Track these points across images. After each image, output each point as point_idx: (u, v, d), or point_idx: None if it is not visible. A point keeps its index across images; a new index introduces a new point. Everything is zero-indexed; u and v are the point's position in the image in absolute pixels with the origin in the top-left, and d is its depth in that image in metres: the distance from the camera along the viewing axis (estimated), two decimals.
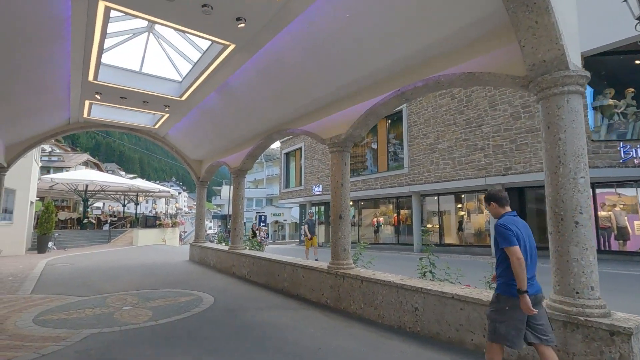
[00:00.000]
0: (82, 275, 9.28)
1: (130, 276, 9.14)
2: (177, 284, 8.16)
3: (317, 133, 6.83)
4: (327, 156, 20.18)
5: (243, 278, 8.82)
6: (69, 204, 25.92)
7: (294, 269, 6.94)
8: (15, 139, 9.48)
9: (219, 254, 10.52)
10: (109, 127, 11.03)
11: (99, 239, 20.14)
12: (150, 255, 14.39)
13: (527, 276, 2.49)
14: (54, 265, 11.23)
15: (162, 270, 10.31)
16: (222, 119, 9.04)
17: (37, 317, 5.36)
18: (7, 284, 7.94)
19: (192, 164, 12.81)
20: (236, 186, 10.07)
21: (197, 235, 12.69)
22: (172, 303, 6.29)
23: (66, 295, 6.88)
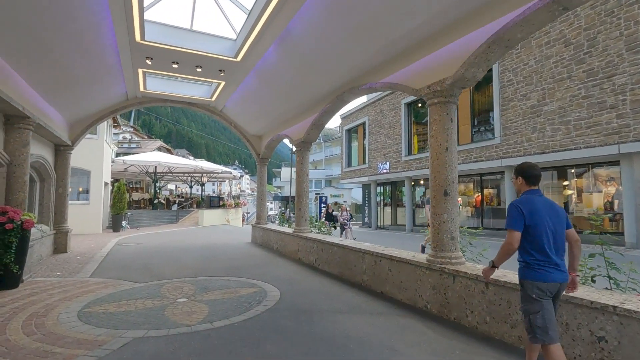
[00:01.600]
0: (145, 256, 8.88)
1: (191, 259, 8.49)
2: (238, 270, 7.23)
3: (406, 83, 5.14)
4: (395, 130, 18.15)
5: (310, 266, 7.63)
6: (142, 186, 27.46)
7: (376, 259, 5.49)
8: (77, 116, 9.21)
9: (282, 236, 9.48)
10: (166, 102, 10.43)
11: (168, 219, 20.75)
12: (213, 236, 14.06)
13: (552, 262, 2.43)
14: (123, 244, 11.20)
15: (223, 253, 9.59)
16: (282, 81, 7.73)
17: (83, 308, 4.64)
18: (72, 264, 7.69)
19: (252, 140, 11.88)
20: (299, 161, 8.82)
21: (259, 216, 11.86)
22: (232, 297, 5.26)
23: (123, 280, 6.27)
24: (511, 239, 2.43)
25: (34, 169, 8.16)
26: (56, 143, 9.00)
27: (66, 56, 6.17)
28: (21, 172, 6.07)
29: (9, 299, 4.98)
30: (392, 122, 18.29)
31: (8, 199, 5.94)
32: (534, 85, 11.55)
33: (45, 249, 8.29)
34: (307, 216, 8.79)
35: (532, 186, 2.61)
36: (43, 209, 8.58)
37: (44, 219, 8.59)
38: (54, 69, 6.33)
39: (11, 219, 5.42)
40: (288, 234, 9.03)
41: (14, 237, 5.40)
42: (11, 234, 5.39)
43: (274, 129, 10.55)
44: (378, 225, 20.86)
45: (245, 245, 11.39)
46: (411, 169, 16.82)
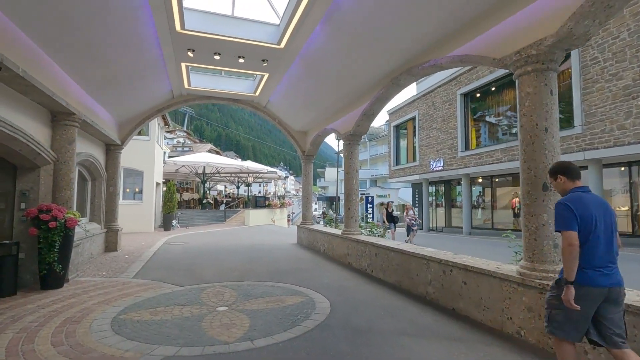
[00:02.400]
0: (190, 256, 8.65)
1: (235, 260, 8.09)
2: (283, 274, 6.64)
3: (484, 53, 4.17)
4: (450, 123, 16.69)
5: (362, 272, 6.83)
6: (192, 186, 28.40)
7: (445, 268, 4.56)
8: (125, 115, 9.26)
9: (329, 238, 8.78)
10: (211, 99, 10.23)
11: (216, 219, 21.04)
12: (258, 237, 13.77)
13: (603, 263, 2.28)
14: (171, 243, 11.21)
15: (268, 254, 9.11)
16: (329, 67, 7.02)
17: (119, 314, 4.27)
18: (119, 263, 7.61)
19: (296, 136, 11.34)
20: (348, 156, 8.05)
21: (305, 216, 11.28)
22: (276, 307, 4.63)
23: (164, 282, 5.94)
24: (569, 239, 2.24)
25: (85, 168, 8.26)
26: (107, 142, 9.11)
27: (108, 50, 5.98)
28: (67, 169, 5.98)
29: (49, 300, 4.78)
30: (446, 115, 16.84)
31: (55, 196, 5.86)
32: (627, 62, 9.66)
33: (97, 247, 8.36)
34: (357, 216, 8.00)
35: (577, 182, 2.46)
36: (94, 207, 8.68)
37: (95, 218, 8.69)
38: (97, 64, 6.18)
39: (55, 217, 5.27)
40: (336, 235, 8.30)
41: (57, 236, 5.25)
42: (54, 232, 5.24)
43: (320, 123, 9.89)
44: (430, 227, 19.43)
45: (291, 246, 10.86)
46: (469, 165, 15.30)
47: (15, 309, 4.37)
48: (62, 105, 5.57)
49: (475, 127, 15.73)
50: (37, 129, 5.48)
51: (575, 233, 2.24)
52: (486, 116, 15.22)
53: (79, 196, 8.38)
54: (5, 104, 4.55)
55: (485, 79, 14.41)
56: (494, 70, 14.09)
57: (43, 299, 4.83)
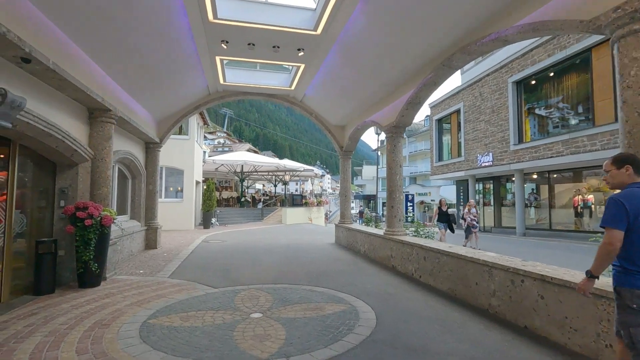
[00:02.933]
0: (226, 255, 8.46)
1: (272, 261, 7.76)
2: (321, 277, 6.17)
3: (567, 15, 3.40)
4: (500, 114, 15.34)
5: (408, 277, 6.18)
6: (231, 185, 28.91)
7: (514, 278, 3.83)
8: (163, 113, 9.27)
9: (371, 239, 8.18)
10: (246, 95, 10.00)
11: (254, 217, 21.12)
12: (295, 235, 13.45)
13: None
14: (208, 242, 11.18)
15: (306, 254, 8.70)
16: (369, 52, 6.44)
17: (149, 318, 4.01)
18: (157, 261, 7.56)
19: (334, 131, 10.83)
20: (391, 149, 7.41)
21: (343, 215, 10.75)
22: (315, 315, 4.16)
23: (198, 284, 5.69)
24: (611, 238, 2.08)
25: (125, 166, 8.32)
26: (146, 141, 9.17)
27: (142, 44, 5.83)
28: (104, 166, 5.93)
29: (84, 300, 4.67)
30: (496, 105, 15.48)
31: (93, 194, 5.83)
32: None
33: (136, 245, 8.41)
34: (401, 215, 7.34)
35: (638, 178, 2.23)
36: (135, 205, 8.76)
37: (135, 215, 8.77)
38: (131, 58, 6.07)
39: (90, 214, 5.18)
40: (378, 236, 7.70)
41: (92, 234, 5.15)
42: (90, 230, 5.15)
43: (359, 115, 9.30)
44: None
45: (329, 246, 10.39)
46: (522, 160, 13.92)
47: (50, 309, 4.27)
48: (97, 101, 5.49)
49: (530, 117, 14.28)
50: (74, 125, 5.43)
51: (621, 233, 2.09)
52: (543, 105, 13.75)
53: (120, 194, 8.47)
54: (40, 99, 4.47)
55: (542, 64, 12.99)
56: (552, 52, 12.66)
57: (78, 299, 4.72)
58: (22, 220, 5.05)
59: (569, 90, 12.67)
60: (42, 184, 5.48)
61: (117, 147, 7.18)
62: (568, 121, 12.83)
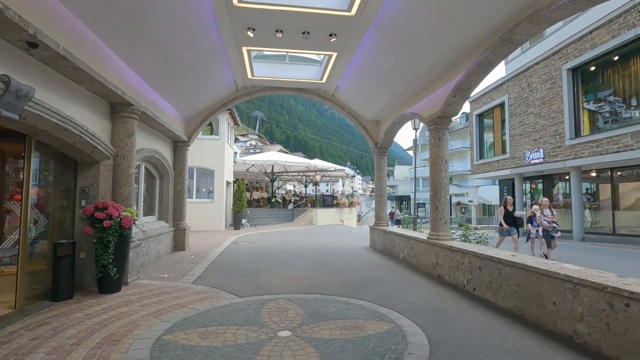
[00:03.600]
0: (255, 258, 7.98)
1: (302, 266, 7.18)
2: (358, 287, 5.49)
3: None
4: (552, 106, 13.85)
5: (459, 289, 5.35)
6: (262, 185, 28.85)
7: (617, 301, 2.96)
8: (191, 110, 8.99)
9: (411, 244, 7.37)
10: (275, 90, 9.51)
11: (284, 218, 20.75)
12: (327, 238, 12.82)
13: None
14: (238, 243, 10.82)
15: (339, 259, 8.04)
16: (411, 33, 5.68)
17: (164, 334, 3.53)
18: (183, 264, 7.20)
19: (368, 127, 10.10)
20: (435, 143, 6.58)
21: (378, 217, 9.98)
22: (353, 337, 3.49)
23: (223, 291, 5.21)
24: None
25: (152, 165, 8.08)
26: (174, 139, 8.92)
27: (162, 32, 5.44)
28: (126, 164, 5.60)
29: (100, 308, 4.29)
30: (547, 96, 13.98)
31: (114, 193, 5.52)
32: None
33: (164, 246, 8.14)
34: (448, 217, 6.49)
35: None
36: (162, 205, 8.51)
37: (163, 216, 8.52)
38: (153, 49, 5.70)
39: (109, 215, 4.83)
40: (421, 240, 6.88)
41: (111, 236, 4.80)
42: (109, 232, 4.79)
43: (397, 108, 8.52)
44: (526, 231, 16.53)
45: (363, 250, 9.66)
46: (581, 155, 12.40)
47: (63, 318, 3.91)
48: (118, 94, 5.16)
49: (590, 107, 12.72)
50: (94, 120, 5.13)
51: None
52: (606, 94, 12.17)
53: (148, 194, 8.25)
54: (53, 90, 4.15)
55: (604, 47, 11.46)
56: (617, 33, 11.15)
57: (95, 306, 4.36)
58: (42, 221, 4.80)
59: (638, 76, 11.08)
60: (64, 183, 5.23)
61: (143, 144, 6.91)
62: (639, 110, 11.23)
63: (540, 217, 8.57)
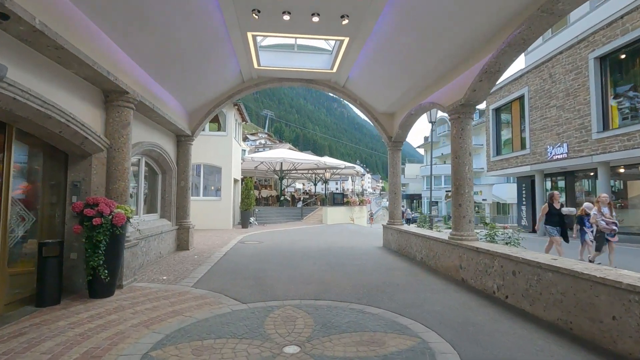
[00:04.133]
0: (262, 259, 7.50)
1: (312, 267, 6.67)
2: (374, 292, 4.95)
3: None
4: (577, 98, 13.02)
5: (488, 295, 4.77)
6: (270, 183, 28.45)
7: None
8: (195, 103, 8.55)
9: (430, 244, 6.79)
10: (282, 81, 9.01)
11: (293, 216, 20.29)
12: (337, 237, 12.29)
13: None
14: (245, 242, 10.37)
15: (351, 260, 7.51)
16: (433, 10, 5.09)
17: (152, 349, 3.06)
18: (185, 265, 6.77)
19: (381, 120, 9.52)
20: (457, 134, 5.99)
21: (392, 215, 9.40)
22: (372, 355, 2.96)
23: (225, 296, 4.74)
24: None
25: (153, 160, 7.66)
26: (177, 133, 8.49)
27: (159, 11, 4.98)
28: (121, 157, 5.17)
29: (87, 316, 3.85)
30: (572, 88, 13.16)
31: (108, 188, 5.10)
32: None
33: (166, 245, 7.72)
34: (472, 215, 5.89)
35: None
36: (165, 203, 8.10)
37: (165, 214, 8.11)
38: (149, 31, 5.24)
39: (100, 212, 4.40)
40: (441, 241, 6.30)
41: (102, 235, 4.36)
42: (99, 231, 4.36)
43: (413, 97, 7.93)
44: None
45: (376, 250, 9.10)
46: (610, 150, 11.58)
47: (43, 327, 3.48)
48: (110, 81, 4.71)
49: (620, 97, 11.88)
50: (85, 109, 4.70)
51: None
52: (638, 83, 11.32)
53: (149, 190, 7.85)
54: (33, 72, 3.71)
55: (637, 32, 10.64)
56: None
57: (82, 313, 3.92)
58: (30, 219, 4.39)
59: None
60: (54, 177, 4.82)
61: (141, 137, 6.48)
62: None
63: (596, 216, 7.23)
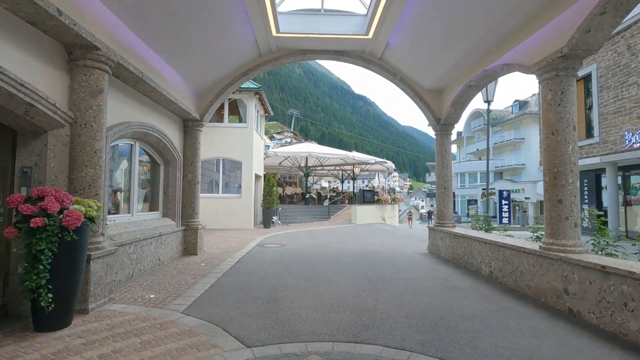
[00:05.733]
0: (281, 270, 6.02)
1: (345, 282, 5.11)
2: (441, 330, 3.31)
3: None
4: None
5: (631, 343, 3.00)
6: (295, 180, 27.13)
7: None
8: (204, 81, 7.21)
9: (507, 254, 5.02)
10: (308, 54, 7.50)
11: (319, 215, 18.79)
12: (371, 240, 10.64)
13: None
14: (264, 245, 8.96)
15: (395, 273, 5.87)
16: None
17: None
18: (186, 275, 5.40)
19: (427, 98, 7.78)
20: (554, 100, 4.21)
21: (442, 215, 7.64)
22: None
23: (223, 331, 3.28)
24: None
25: (151, 146, 6.36)
26: (183, 117, 7.19)
27: None
28: (89, 135, 3.84)
29: None
30: None
31: (71, 177, 3.77)
32: None
33: (168, 250, 6.41)
34: (578, 217, 4.10)
35: None
36: (168, 199, 6.81)
37: (169, 212, 6.81)
38: None
39: (44, 209, 3.05)
40: (528, 251, 4.53)
41: (44, 243, 3.00)
42: (42, 236, 3.01)
43: (474, 63, 6.15)
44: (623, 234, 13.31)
45: (422, 258, 7.39)
46: None
47: None
48: (65, 26, 3.36)
49: None
50: (36, 68, 3.38)
51: None
52: None
53: (151, 184, 6.59)
54: None
55: None
56: None
57: None
58: None
59: None
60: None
61: (130, 116, 5.16)
62: None
63: None
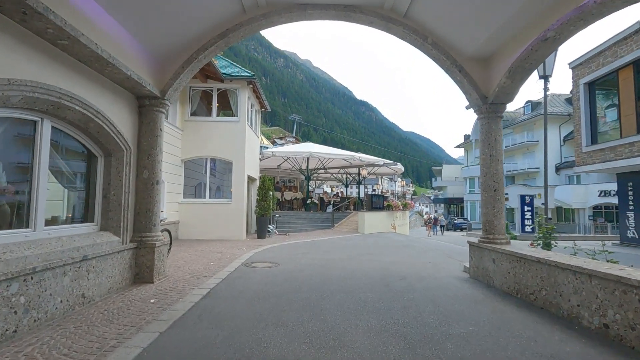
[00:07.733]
0: (267, 309, 4.00)
1: (368, 343, 3.10)
2: None
3: None
4: None
5: None
6: (295, 184, 25.15)
7: None
8: (165, 43, 5.28)
9: (634, 298, 2.99)
10: (307, 9, 5.55)
11: (322, 223, 16.78)
12: (388, 256, 8.62)
13: None
14: (251, 265, 6.95)
15: (439, 322, 3.84)
16: None
17: None
18: (111, 327, 3.40)
19: (470, 69, 5.79)
20: None
21: (491, 227, 5.60)
22: None
23: None
24: None
25: (79, 129, 4.40)
26: (137, 93, 5.25)
27: None
28: None
29: None
30: None
31: None
32: None
33: (103, 280, 4.41)
34: None
35: None
36: (109, 205, 4.83)
37: (110, 224, 4.83)
38: None
39: None
40: None
41: None
42: None
43: (546, 10, 4.16)
44: None
45: (469, 289, 5.36)
46: None
47: None
48: None
49: None
50: None
51: None
52: None
53: (86, 185, 4.63)
54: None
55: None
56: None
57: None
58: None
59: None
60: None
61: (25, 72, 3.20)
62: None
63: None
